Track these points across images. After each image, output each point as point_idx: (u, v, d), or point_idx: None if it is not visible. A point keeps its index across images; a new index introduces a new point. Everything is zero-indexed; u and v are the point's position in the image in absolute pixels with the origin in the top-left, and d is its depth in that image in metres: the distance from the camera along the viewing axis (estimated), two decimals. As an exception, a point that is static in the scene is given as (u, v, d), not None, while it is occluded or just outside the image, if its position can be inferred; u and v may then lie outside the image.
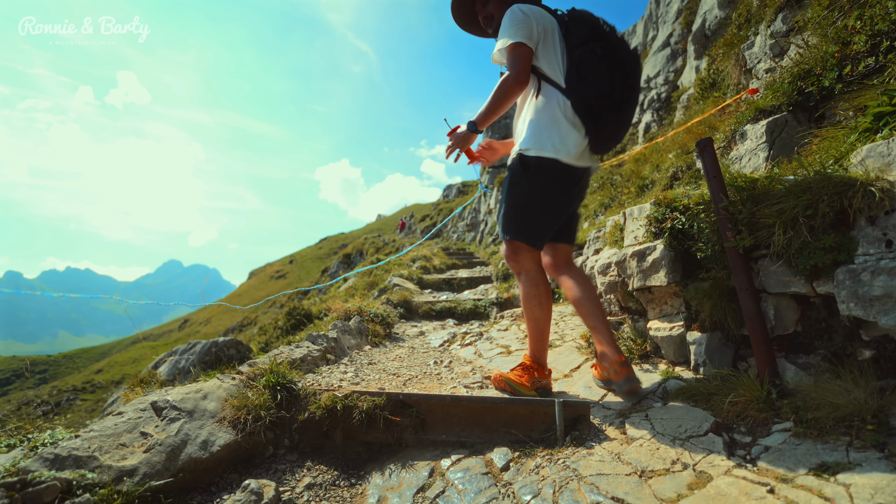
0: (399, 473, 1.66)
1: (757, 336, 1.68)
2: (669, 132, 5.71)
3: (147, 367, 5.26)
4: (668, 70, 9.00)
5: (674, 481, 1.32)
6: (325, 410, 1.85)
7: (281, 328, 5.32)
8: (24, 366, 44.09)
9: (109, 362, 47.23)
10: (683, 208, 2.23)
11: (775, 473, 1.25)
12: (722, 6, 7.06)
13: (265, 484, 1.50)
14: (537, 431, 1.74)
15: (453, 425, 1.82)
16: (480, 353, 3.23)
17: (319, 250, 60.94)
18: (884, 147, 1.42)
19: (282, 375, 1.95)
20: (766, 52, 4.09)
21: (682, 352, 2.22)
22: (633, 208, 2.69)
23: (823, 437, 1.33)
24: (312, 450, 1.84)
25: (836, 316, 1.61)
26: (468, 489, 1.48)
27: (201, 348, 4.56)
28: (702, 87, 6.02)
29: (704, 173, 1.89)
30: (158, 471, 1.43)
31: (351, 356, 3.03)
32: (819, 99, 2.59)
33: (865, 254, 1.40)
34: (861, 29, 2.27)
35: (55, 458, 1.33)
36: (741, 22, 5.24)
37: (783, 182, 1.73)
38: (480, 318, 4.69)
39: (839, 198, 1.45)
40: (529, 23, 1.83)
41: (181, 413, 1.66)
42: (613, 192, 7.08)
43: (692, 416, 1.67)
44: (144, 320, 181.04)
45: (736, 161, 3.04)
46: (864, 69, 2.23)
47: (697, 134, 4.45)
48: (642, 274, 2.35)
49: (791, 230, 1.59)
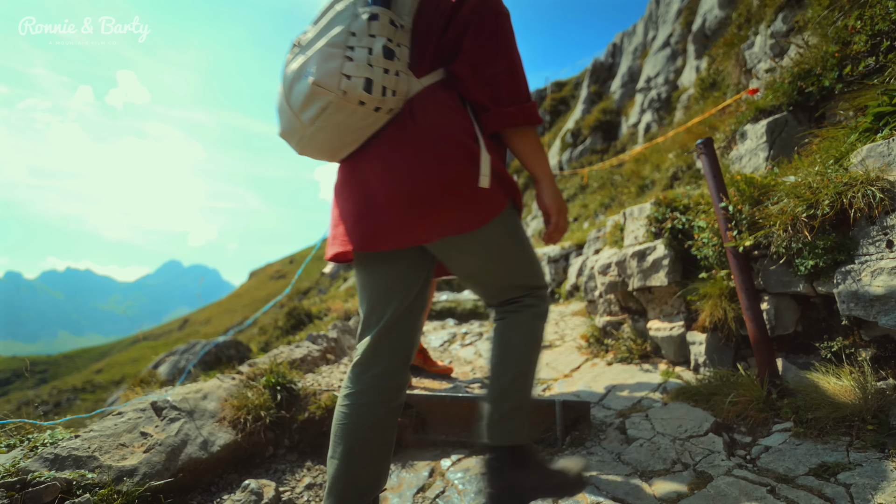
0: (399, 473, 1.66)
1: (757, 336, 1.68)
2: (669, 132, 5.71)
3: (147, 367, 5.25)
4: (668, 70, 9.00)
5: (674, 481, 1.32)
6: (326, 410, 1.85)
7: (281, 328, 5.32)
8: (24, 366, 44.07)
9: (109, 362, 47.21)
10: (683, 208, 2.24)
11: (775, 473, 1.25)
12: (722, 6, 7.06)
13: (265, 484, 1.50)
14: (537, 431, 1.74)
15: (453, 425, 1.82)
16: (481, 353, 3.23)
17: (319, 250, 60.87)
18: (884, 147, 1.42)
19: (282, 375, 1.95)
20: (767, 52, 4.09)
21: (682, 352, 2.22)
22: (633, 208, 2.69)
23: (823, 437, 1.33)
24: (312, 450, 1.84)
25: (836, 316, 1.61)
26: (468, 489, 1.48)
27: (201, 348, 4.56)
28: (702, 87, 6.01)
29: (704, 173, 1.89)
30: (158, 471, 1.43)
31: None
32: (819, 99, 2.59)
33: (865, 254, 1.40)
34: (861, 29, 2.27)
35: (55, 458, 1.33)
36: (741, 22, 5.24)
37: (783, 182, 1.73)
38: (480, 318, 4.69)
39: (839, 198, 1.45)
40: None
41: (181, 413, 1.66)
42: (613, 191, 7.09)
43: (692, 416, 1.67)
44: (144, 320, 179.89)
45: (736, 161, 3.03)
46: (864, 69, 2.23)
47: (697, 134, 4.45)
48: (642, 274, 2.36)
49: (791, 230, 1.58)
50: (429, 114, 0.99)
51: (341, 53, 0.91)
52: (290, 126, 1.01)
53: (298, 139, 1.02)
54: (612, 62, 12.82)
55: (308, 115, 0.95)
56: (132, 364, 40.71)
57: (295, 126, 0.99)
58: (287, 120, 1.01)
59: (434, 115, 0.99)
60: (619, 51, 12.57)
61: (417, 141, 0.97)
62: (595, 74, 12.96)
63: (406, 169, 0.97)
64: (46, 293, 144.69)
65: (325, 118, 0.95)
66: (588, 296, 3.13)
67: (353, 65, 0.90)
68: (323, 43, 0.92)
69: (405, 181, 0.97)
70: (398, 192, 0.98)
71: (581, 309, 3.60)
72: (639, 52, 10.96)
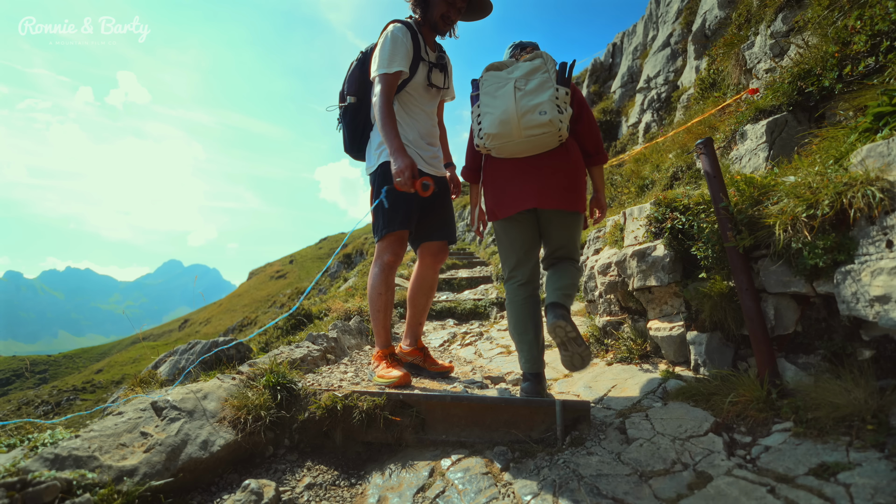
0: (399, 473, 1.66)
1: (757, 336, 1.68)
2: (669, 132, 5.71)
3: (147, 367, 5.25)
4: (668, 70, 9.00)
5: (674, 481, 1.32)
6: (326, 410, 1.85)
7: (281, 328, 5.32)
8: (24, 366, 44.08)
9: (109, 362, 47.23)
10: (683, 208, 2.23)
11: (775, 473, 1.25)
12: (722, 6, 7.06)
13: (265, 484, 1.50)
14: (537, 431, 1.74)
15: (453, 425, 1.82)
16: (481, 353, 3.23)
17: (319, 250, 60.98)
18: (884, 147, 1.42)
19: (282, 375, 1.95)
20: (766, 52, 4.09)
21: (682, 352, 2.22)
22: (633, 208, 2.69)
23: (823, 437, 1.33)
24: (312, 450, 1.84)
25: (836, 316, 1.61)
26: (468, 489, 1.48)
27: (201, 348, 4.56)
28: (702, 87, 6.01)
29: (704, 173, 1.89)
30: (158, 471, 1.43)
31: (351, 356, 3.03)
32: (819, 99, 2.59)
33: (865, 254, 1.40)
34: (861, 29, 2.27)
35: (55, 458, 1.33)
36: (741, 22, 5.24)
37: (783, 182, 1.73)
38: (480, 318, 4.69)
39: (839, 198, 1.45)
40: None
41: (181, 413, 1.66)
42: (613, 192, 7.09)
43: (692, 416, 1.67)
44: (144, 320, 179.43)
45: (736, 161, 3.03)
46: (864, 69, 2.23)
47: (697, 134, 4.45)
48: (642, 274, 2.36)
49: (791, 230, 1.59)
50: (571, 148, 1.93)
51: (557, 108, 1.76)
52: (508, 132, 1.81)
53: (507, 141, 1.84)
54: (612, 62, 12.81)
55: (529, 133, 1.79)
56: (132, 364, 40.71)
57: (512, 134, 1.81)
58: (509, 129, 1.80)
59: (574, 150, 1.94)
60: (618, 51, 12.56)
61: (570, 159, 1.91)
62: (595, 74, 12.95)
63: (564, 172, 1.90)
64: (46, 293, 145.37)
65: (539, 137, 1.80)
66: (588, 296, 3.13)
67: (562, 116, 1.77)
68: (547, 98, 1.76)
69: (565, 177, 1.90)
70: (560, 182, 1.89)
71: (581, 309, 3.59)
72: (639, 52, 10.96)
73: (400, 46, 2.04)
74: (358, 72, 2.24)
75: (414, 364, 2.47)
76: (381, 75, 2.01)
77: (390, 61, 2.02)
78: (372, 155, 2.24)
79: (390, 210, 2.11)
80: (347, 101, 2.24)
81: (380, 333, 2.27)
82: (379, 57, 2.04)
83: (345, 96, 2.26)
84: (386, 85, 2.00)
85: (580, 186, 1.92)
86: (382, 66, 2.02)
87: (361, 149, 2.34)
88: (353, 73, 2.25)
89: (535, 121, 1.74)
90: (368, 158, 2.29)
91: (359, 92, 2.23)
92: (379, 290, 2.20)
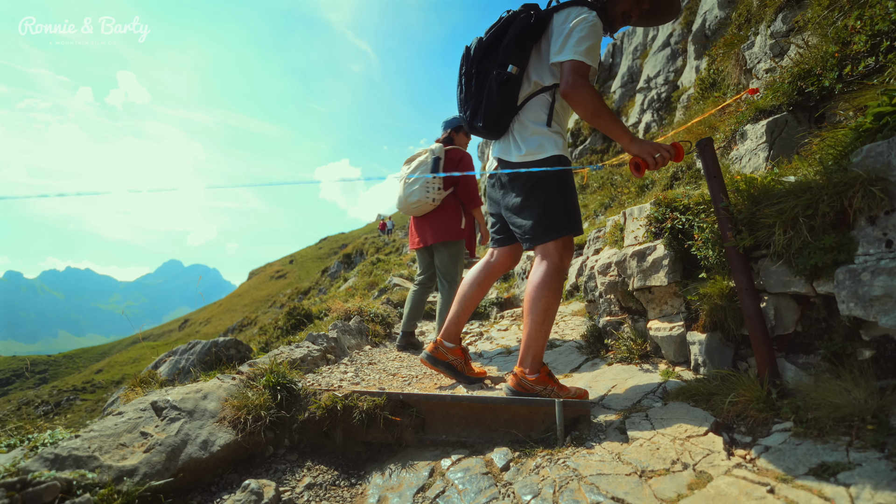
0: (399, 473, 1.66)
1: (757, 336, 1.68)
2: (669, 132, 5.71)
3: (147, 367, 5.26)
4: (668, 70, 9.00)
5: (674, 481, 1.32)
6: (326, 410, 1.85)
7: (281, 328, 5.32)
8: (24, 366, 44.08)
9: (109, 362, 47.22)
10: (683, 208, 2.23)
11: (775, 473, 1.25)
12: (722, 6, 7.06)
13: (265, 484, 1.50)
14: (537, 431, 1.74)
15: (453, 425, 1.82)
16: (481, 353, 3.23)
17: (319, 250, 60.91)
18: (884, 147, 1.42)
19: (282, 375, 1.95)
20: (766, 52, 4.09)
21: (682, 352, 2.22)
22: (633, 208, 2.69)
23: (823, 437, 1.33)
24: (312, 450, 1.84)
25: (836, 316, 1.61)
26: (468, 489, 1.48)
27: (201, 348, 4.56)
28: (702, 87, 6.01)
29: (704, 173, 1.89)
30: (158, 471, 1.43)
31: (351, 356, 3.03)
32: (819, 99, 2.59)
33: (865, 254, 1.40)
34: (861, 29, 2.27)
35: (55, 458, 1.33)
36: (741, 22, 5.24)
37: (783, 182, 1.73)
38: (481, 318, 4.69)
39: (839, 198, 1.45)
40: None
41: (181, 413, 1.66)
42: (613, 192, 7.09)
43: (692, 416, 1.67)
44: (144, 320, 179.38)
45: (736, 161, 3.03)
46: (864, 69, 2.23)
47: (697, 134, 4.45)
48: (642, 274, 2.35)
49: (791, 230, 1.58)
50: (446, 204, 3.38)
51: (426, 190, 3.27)
52: (401, 206, 3.40)
53: (404, 210, 3.42)
54: (612, 62, 12.82)
55: (411, 200, 3.31)
56: (132, 364, 40.71)
57: (403, 207, 3.38)
58: (401, 205, 3.39)
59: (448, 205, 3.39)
60: (618, 51, 12.57)
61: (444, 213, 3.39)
62: (595, 74, 12.96)
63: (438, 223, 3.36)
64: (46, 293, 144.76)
65: (417, 204, 3.30)
66: (588, 296, 3.13)
67: (429, 195, 3.28)
68: (418, 186, 3.27)
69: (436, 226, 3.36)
70: (433, 228, 3.36)
71: (581, 309, 3.59)
72: (639, 52, 10.96)
73: (599, 40, 1.84)
74: (528, 39, 1.93)
75: (452, 367, 2.36)
76: (584, 65, 1.79)
77: (594, 55, 1.82)
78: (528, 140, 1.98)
79: (573, 209, 1.95)
80: (510, 69, 1.92)
81: (542, 349, 1.99)
82: (580, 43, 1.80)
83: (506, 63, 1.93)
84: (588, 78, 1.82)
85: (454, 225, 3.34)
86: (588, 56, 1.80)
87: (504, 128, 2.04)
88: (523, 37, 1.92)
89: (412, 199, 3.28)
90: (522, 144, 2.00)
91: (521, 62, 1.93)
92: (550, 300, 1.94)
